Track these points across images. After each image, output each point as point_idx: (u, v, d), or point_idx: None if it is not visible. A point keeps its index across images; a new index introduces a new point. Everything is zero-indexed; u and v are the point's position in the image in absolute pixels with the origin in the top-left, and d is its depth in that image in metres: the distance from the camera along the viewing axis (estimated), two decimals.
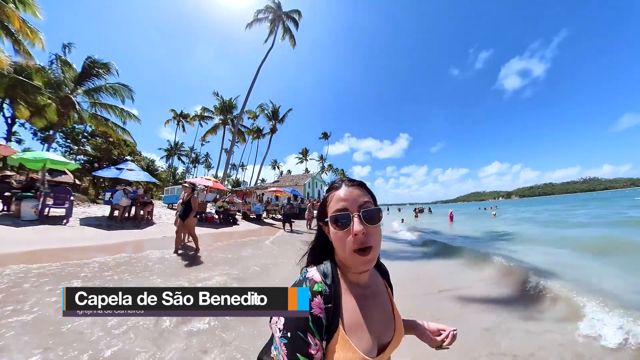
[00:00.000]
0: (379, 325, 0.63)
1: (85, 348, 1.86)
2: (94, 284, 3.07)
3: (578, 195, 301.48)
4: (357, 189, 0.63)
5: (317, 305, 0.54)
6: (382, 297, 0.69)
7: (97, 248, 4.79)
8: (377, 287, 0.70)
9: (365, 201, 0.61)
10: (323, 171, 58.99)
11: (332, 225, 0.60)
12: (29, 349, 1.77)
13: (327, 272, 0.61)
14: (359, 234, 0.56)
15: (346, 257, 0.59)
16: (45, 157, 6.47)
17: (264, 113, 30.00)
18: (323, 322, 0.54)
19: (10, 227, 5.29)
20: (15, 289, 2.65)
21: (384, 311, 0.67)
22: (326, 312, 0.55)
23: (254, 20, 22.62)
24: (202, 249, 5.25)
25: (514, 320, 2.92)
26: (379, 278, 0.74)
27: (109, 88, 14.07)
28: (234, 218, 11.94)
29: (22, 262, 3.43)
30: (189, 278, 3.59)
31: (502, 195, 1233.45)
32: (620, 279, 3.90)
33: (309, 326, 0.52)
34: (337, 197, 0.63)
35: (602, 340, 2.35)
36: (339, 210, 0.60)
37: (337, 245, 0.61)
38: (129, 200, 7.63)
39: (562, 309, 3.03)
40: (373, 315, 0.63)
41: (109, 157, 23.30)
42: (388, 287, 0.75)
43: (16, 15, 10.68)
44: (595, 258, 5.43)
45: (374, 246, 0.58)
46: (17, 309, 2.26)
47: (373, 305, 0.64)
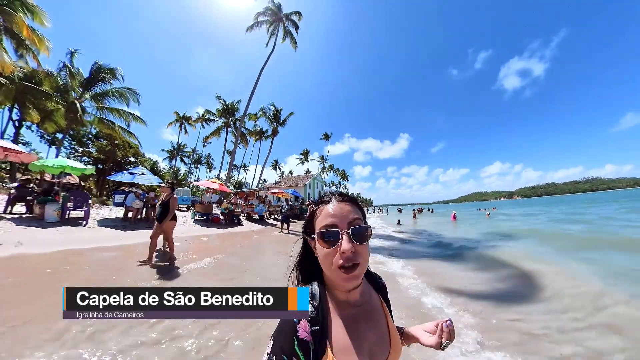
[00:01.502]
0: (373, 345, 0.60)
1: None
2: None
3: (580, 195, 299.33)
4: (347, 205, 0.62)
5: (304, 328, 0.53)
6: (376, 314, 0.66)
7: (118, 247, 5.26)
8: (371, 305, 0.67)
9: (355, 218, 0.60)
10: (324, 172, 59.42)
11: (318, 241, 0.59)
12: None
13: (315, 292, 0.59)
14: (347, 252, 0.55)
15: (331, 274, 0.58)
16: (65, 164, 6.95)
17: (266, 116, 30.49)
18: (310, 345, 0.52)
19: (37, 229, 5.69)
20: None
21: (378, 329, 0.64)
22: (313, 335, 0.53)
23: (255, 23, 22.95)
24: (201, 253, 5.31)
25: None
26: (373, 294, 0.70)
27: (115, 92, 14.54)
28: (239, 219, 12.41)
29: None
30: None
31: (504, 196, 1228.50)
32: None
33: (294, 350, 0.51)
34: (326, 212, 0.61)
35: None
36: (328, 226, 0.59)
37: (323, 261, 0.59)
38: (141, 202, 8.13)
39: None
40: (365, 335, 0.60)
41: (114, 159, 23.82)
42: (384, 302, 0.71)
43: (25, 23, 11.12)
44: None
45: (362, 263, 0.57)
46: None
47: (366, 325, 0.62)
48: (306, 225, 0.67)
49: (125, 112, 14.91)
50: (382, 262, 6.30)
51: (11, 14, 10.59)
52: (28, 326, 2.20)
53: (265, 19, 22.79)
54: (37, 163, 6.87)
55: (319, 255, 0.60)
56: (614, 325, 2.78)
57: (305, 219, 0.68)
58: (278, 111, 30.50)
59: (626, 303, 3.23)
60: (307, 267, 0.69)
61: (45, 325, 2.21)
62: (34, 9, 11.84)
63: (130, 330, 2.24)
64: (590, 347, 2.46)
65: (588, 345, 2.47)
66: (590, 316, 3.06)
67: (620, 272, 4.53)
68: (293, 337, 0.52)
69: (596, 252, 6.23)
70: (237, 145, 24.93)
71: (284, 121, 30.92)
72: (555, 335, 2.71)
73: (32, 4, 11.55)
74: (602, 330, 2.73)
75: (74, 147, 27.36)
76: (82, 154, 25.06)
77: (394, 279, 4.75)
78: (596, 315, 3.06)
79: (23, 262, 3.82)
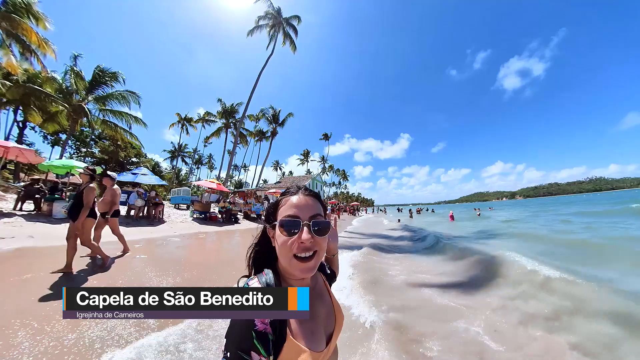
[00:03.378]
0: (324, 319, 0.65)
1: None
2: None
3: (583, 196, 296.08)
4: (311, 199, 0.64)
5: (261, 321, 0.52)
6: (323, 293, 0.72)
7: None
8: (318, 284, 0.72)
9: (318, 213, 0.62)
10: (324, 172, 59.77)
11: (279, 229, 0.60)
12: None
13: (270, 282, 0.60)
14: (306, 242, 0.57)
15: (287, 263, 0.59)
16: (72, 165, 7.41)
17: (265, 117, 30.99)
18: (270, 337, 0.52)
19: (47, 224, 6.12)
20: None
21: (326, 305, 0.69)
22: (272, 326, 0.53)
23: (255, 27, 23.43)
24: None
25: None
26: (318, 275, 0.75)
27: (117, 95, 15.02)
28: (236, 217, 12.82)
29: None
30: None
31: (506, 196, 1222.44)
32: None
33: (253, 344, 0.50)
34: (290, 203, 0.63)
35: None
36: (290, 216, 0.60)
37: (281, 249, 0.60)
38: (143, 201, 8.58)
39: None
40: (318, 312, 0.65)
41: (116, 159, 24.36)
42: (325, 279, 0.78)
43: (32, 29, 11.64)
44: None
45: (318, 252, 0.59)
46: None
47: (317, 304, 0.66)
48: (268, 214, 0.68)
49: (127, 114, 15.40)
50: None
51: (17, 20, 11.10)
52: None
53: (265, 22, 23.27)
54: (45, 164, 7.32)
55: (277, 243, 0.62)
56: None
57: (268, 207, 0.70)
58: (277, 112, 30.99)
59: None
60: (262, 256, 0.71)
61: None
62: (38, 15, 12.35)
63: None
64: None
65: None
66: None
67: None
68: (251, 332, 0.51)
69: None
70: (236, 146, 25.38)
71: (283, 122, 31.40)
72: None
73: (37, 10, 12.04)
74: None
75: (77, 147, 27.92)
76: (85, 154, 25.63)
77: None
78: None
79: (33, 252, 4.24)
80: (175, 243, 6.31)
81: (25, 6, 11.55)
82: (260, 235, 0.73)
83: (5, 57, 11.34)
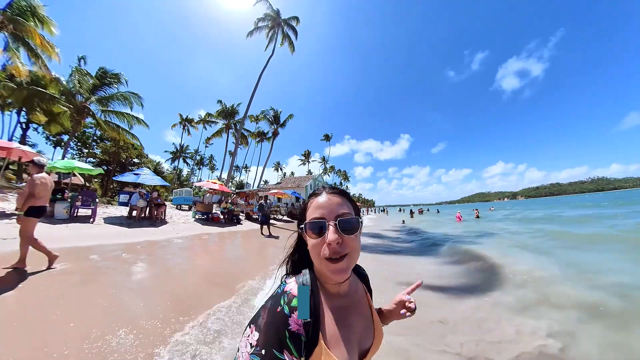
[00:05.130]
0: (360, 334, 0.63)
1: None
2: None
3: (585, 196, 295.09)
4: (337, 197, 0.63)
5: (295, 321, 0.52)
6: (362, 304, 0.69)
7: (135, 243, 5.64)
8: (358, 295, 0.70)
9: (344, 212, 0.60)
10: (325, 172, 59.75)
11: (307, 231, 0.60)
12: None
13: (306, 282, 0.59)
14: (333, 243, 0.56)
15: (320, 266, 0.59)
16: (74, 165, 7.44)
17: (266, 119, 31.06)
18: (302, 338, 0.52)
19: (48, 225, 6.14)
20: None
21: (364, 318, 0.67)
22: (305, 328, 0.53)
23: (255, 29, 23.54)
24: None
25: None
26: (358, 283, 0.73)
27: (120, 96, 15.09)
28: (238, 218, 12.81)
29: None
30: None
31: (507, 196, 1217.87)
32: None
33: (285, 343, 0.50)
34: (315, 204, 0.62)
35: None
36: (316, 218, 0.60)
37: (312, 252, 0.60)
38: (145, 201, 8.57)
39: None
40: (354, 323, 0.62)
41: (118, 160, 24.43)
42: (367, 291, 0.75)
43: (37, 32, 11.71)
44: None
45: (350, 254, 0.58)
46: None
47: (354, 314, 0.64)
48: (299, 218, 0.68)
49: (129, 115, 15.45)
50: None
51: (23, 24, 11.17)
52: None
53: (264, 24, 23.38)
54: (47, 164, 7.32)
55: (309, 246, 0.61)
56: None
57: (299, 212, 0.70)
58: (278, 113, 31.03)
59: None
60: (299, 259, 0.71)
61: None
62: (44, 19, 12.42)
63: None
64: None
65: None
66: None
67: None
68: (284, 330, 0.51)
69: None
70: (237, 147, 25.42)
71: (284, 123, 31.45)
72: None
73: (42, 14, 12.10)
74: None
75: (79, 148, 28.06)
76: (87, 155, 25.71)
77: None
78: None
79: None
80: (178, 244, 6.29)
81: (31, 9, 11.62)
82: (296, 240, 0.73)
83: (12, 60, 11.42)
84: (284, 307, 0.54)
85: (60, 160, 8.44)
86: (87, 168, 7.85)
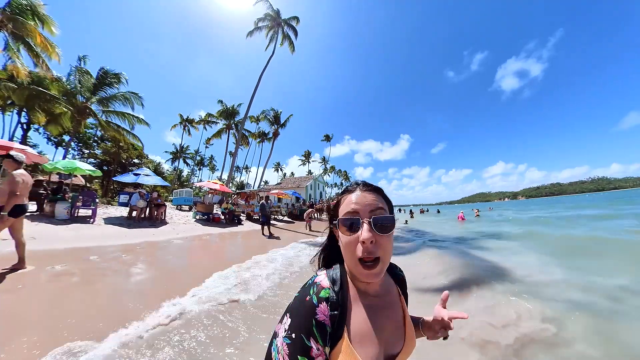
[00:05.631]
0: (388, 336, 0.61)
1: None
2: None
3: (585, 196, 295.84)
4: (371, 194, 0.62)
5: (322, 311, 0.53)
6: (394, 306, 0.67)
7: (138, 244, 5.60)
8: (390, 296, 0.67)
9: (379, 207, 0.59)
10: (326, 173, 59.70)
11: (340, 228, 0.59)
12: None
13: (337, 278, 0.60)
14: (367, 242, 0.54)
15: (351, 265, 0.58)
16: (75, 166, 7.41)
17: (267, 119, 31.04)
18: (327, 329, 0.53)
19: (49, 225, 6.12)
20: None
21: (394, 321, 0.64)
22: (331, 320, 0.54)
23: (255, 29, 23.52)
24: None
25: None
26: (392, 286, 0.71)
27: (121, 96, 15.06)
28: (239, 219, 12.77)
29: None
30: None
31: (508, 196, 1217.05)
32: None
33: (312, 330, 0.52)
34: (349, 200, 0.61)
35: None
36: (349, 214, 0.59)
37: (344, 250, 0.59)
38: (145, 202, 8.53)
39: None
40: (382, 325, 0.60)
41: (118, 160, 24.43)
42: (402, 294, 0.72)
43: (37, 31, 11.67)
44: None
45: (382, 258, 0.56)
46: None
47: (383, 315, 0.62)
48: (331, 214, 0.68)
49: (130, 115, 15.43)
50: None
51: (24, 23, 11.14)
52: None
53: (264, 24, 23.36)
54: (49, 165, 7.30)
55: (341, 243, 0.61)
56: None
57: (331, 207, 0.69)
58: (278, 114, 31.01)
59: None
60: (331, 254, 0.71)
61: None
62: (45, 18, 12.40)
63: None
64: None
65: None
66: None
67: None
68: (312, 319, 0.53)
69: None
70: (238, 147, 25.39)
71: (284, 123, 31.41)
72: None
73: (43, 13, 12.08)
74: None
75: (80, 149, 28.08)
76: (88, 155, 25.72)
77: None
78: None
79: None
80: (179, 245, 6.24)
81: (31, 8, 11.59)
82: (328, 236, 0.73)
83: (13, 60, 11.40)
84: (313, 297, 0.55)
85: (61, 160, 8.41)
86: (88, 169, 7.82)
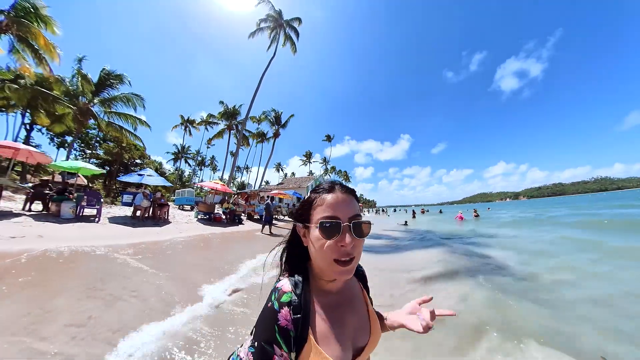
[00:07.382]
0: (354, 331, 0.62)
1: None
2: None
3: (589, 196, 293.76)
4: (350, 197, 0.61)
5: (284, 317, 0.53)
6: (357, 301, 0.68)
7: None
8: (352, 292, 0.68)
9: (357, 213, 0.59)
10: (326, 173, 59.78)
11: (319, 230, 0.57)
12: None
13: (298, 281, 0.59)
14: (348, 246, 0.55)
15: (325, 266, 0.57)
16: (79, 166, 7.56)
17: (267, 119, 31.19)
18: (291, 333, 0.53)
19: (55, 224, 6.22)
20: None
21: (359, 315, 0.65)
22: (294, 323, 0.53)
23: (257, 30, 23.64)
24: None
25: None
26: (354, 281, 0.72)
27: (123, 98, 15.20)
28: (240, 218, 12.89)
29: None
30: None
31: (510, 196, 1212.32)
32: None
33: (275, 338, 0.51)
34: (328, 202, 0.59)
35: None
36: (330, 218, 0.57)
37: (318, 252, 0.57)
38: (148, 201, 8.68)
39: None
40: (347, 321, 0.61)
41: (121, 161, 24.61)
42: (364, 289, 0.73)
43: (41, 33, 11.84)
44: None
45: (356, 257, 0.57)
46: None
47: (347, 311, 0.63)
48: (301, 212, 0.64)
49: (132, 116, 15.58)
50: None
51: (28, 26, 11.31)
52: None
53: (266, 25, 23.46)
54: (54, 164, 7.45)
55: (313, 245, 0.59)
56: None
57: (300, 205, 0.66)
58: (279, 114, 31.15)
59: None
60: (293, 255, 0.68)
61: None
62: (47, 19, 12.57)
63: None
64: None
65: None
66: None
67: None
68: (274, 325, 0.52)
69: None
70: (239, 147, 25.53)
71: (285, 124, 31.55)
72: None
73: (45, 14, 12.25)
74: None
75: (82, 149, 28.28)
76: (90, 156, 25.92)
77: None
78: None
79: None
80: (183, 243, 6.35)
81: (34, 10, 11.76)
82: (291, 234, 0.70)
83: (18, 62, 11.58)
84: (274, 303, 0.55)
85: (65, 160, 8.56)
86: (91, 169, 7.97)
